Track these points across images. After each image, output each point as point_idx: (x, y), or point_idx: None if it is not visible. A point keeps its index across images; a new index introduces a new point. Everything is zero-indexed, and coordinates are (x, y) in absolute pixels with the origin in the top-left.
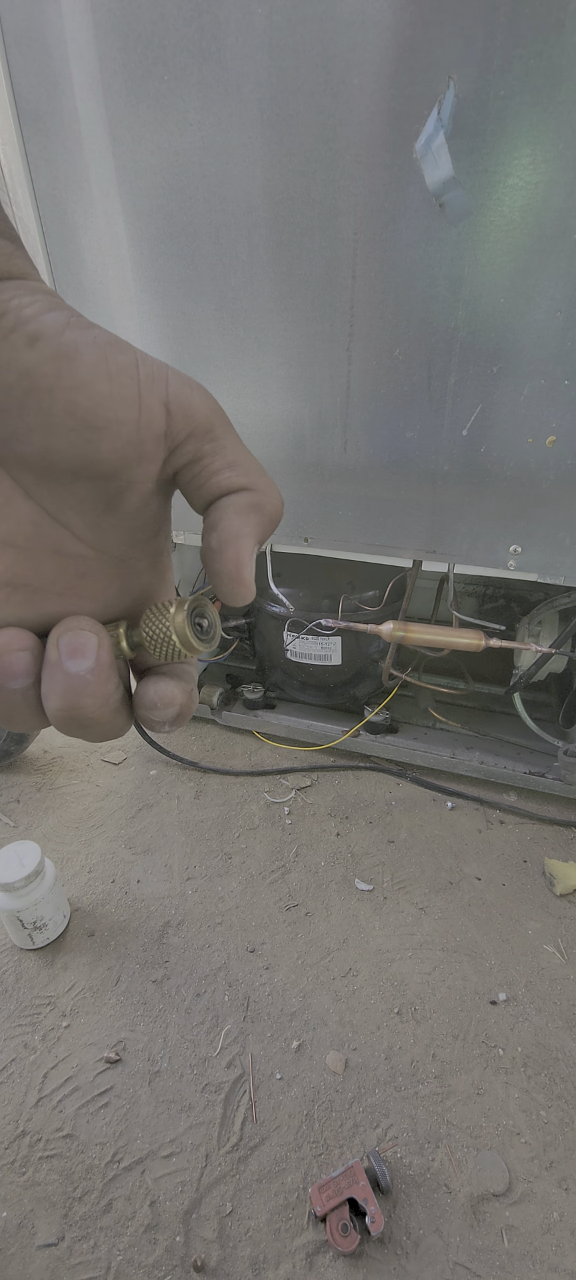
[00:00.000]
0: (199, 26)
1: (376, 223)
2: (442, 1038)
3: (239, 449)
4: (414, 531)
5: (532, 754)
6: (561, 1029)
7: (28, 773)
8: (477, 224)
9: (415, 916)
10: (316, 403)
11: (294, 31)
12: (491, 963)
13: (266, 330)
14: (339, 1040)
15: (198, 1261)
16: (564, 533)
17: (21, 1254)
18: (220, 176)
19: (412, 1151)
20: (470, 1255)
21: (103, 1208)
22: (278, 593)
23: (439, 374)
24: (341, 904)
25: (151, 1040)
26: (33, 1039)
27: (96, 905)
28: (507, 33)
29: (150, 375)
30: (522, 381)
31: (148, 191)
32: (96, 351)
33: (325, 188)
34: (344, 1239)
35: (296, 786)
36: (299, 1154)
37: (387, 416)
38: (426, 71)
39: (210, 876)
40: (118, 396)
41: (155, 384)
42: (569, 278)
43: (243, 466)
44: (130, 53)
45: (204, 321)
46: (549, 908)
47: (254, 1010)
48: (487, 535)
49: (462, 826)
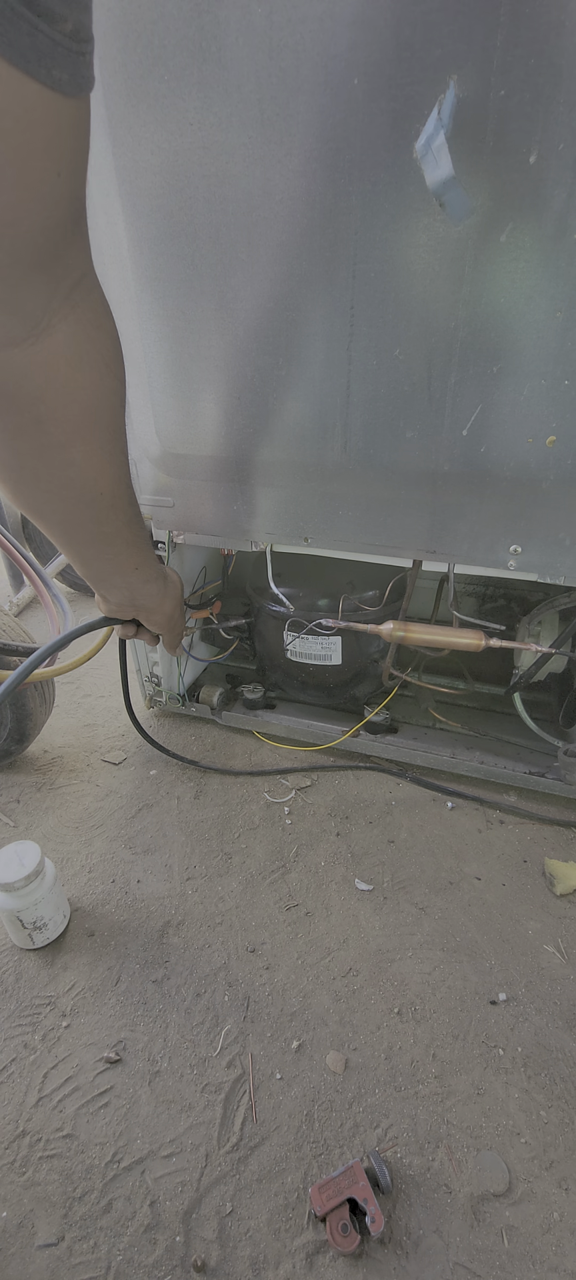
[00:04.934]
0: (199, 26)
1: (376, 223)
2: (442, 1038)
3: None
4: (414, 531)
5: (532, 754)
6: (561, 1029)
7: (28, 773)
8: (477, 224)
9: (415, 916)
10: (316, 403)
11: (294, 31)
12: (491, 963)
13: (266, 330)
14: (339, 1040)
15: (198, 1261)
16: (564, 533)
17: (21, 1254)
18: (220, 176)
19: (412, 1151)
20: (470, 1255)
21: (103, 1208)
22: (278, 593)
23: (439, 374)
24: (341, 904)
25: (151, 1040)
26: (33, 1039)
27: (96, 905)
28: (507, 33)
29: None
30: (522, 381)
31: (148, 191)
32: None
33: (325, 188)
34: (344, 1239)
35: (296, 786)
36: (299, 1154)
37: (387, 416)
38: (426, 71)
39: (210, 876)
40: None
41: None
42: (569, 278)
43: None
44: (130, 53)
45: (204, 321)
46: (549, 908)
47: (254, 1010)
48: (487, 535)
49: (462, 826)
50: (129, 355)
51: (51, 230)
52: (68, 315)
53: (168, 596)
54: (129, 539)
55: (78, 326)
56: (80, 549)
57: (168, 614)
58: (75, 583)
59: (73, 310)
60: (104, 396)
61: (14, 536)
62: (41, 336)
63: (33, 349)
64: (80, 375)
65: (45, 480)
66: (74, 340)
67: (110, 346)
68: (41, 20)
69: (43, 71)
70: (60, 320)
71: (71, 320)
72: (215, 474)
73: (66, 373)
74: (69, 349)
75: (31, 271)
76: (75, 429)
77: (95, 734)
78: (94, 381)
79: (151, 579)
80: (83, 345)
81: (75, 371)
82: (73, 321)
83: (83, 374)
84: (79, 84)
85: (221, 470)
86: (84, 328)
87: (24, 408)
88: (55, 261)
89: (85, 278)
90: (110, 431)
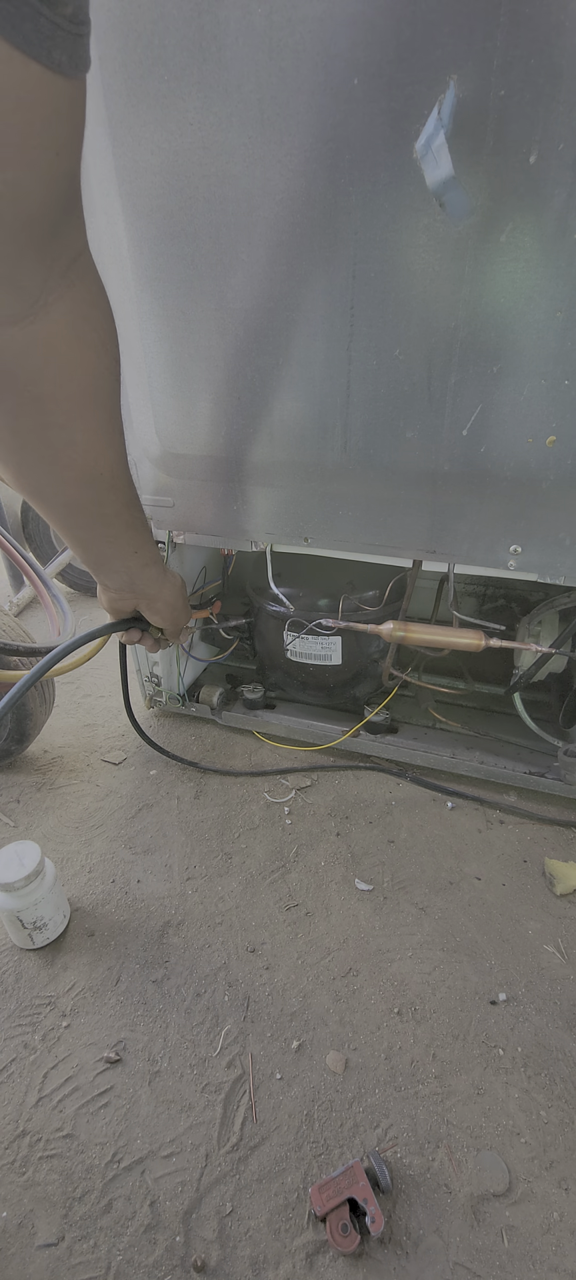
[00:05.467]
0: (199, 26)
1: (376, 223)
2: (442, 1038)
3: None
4: (414, 531)
5: (532, 754)
6: (561, 1029)
7: (28, 773)
8: (477, 224)
9: (415, 916)
10: (316, 403)
11: (294, 31)
12: (491, 963)
13: (266, 330)
14: (339, 1040)
15: (198, 1261)
16: (564, 533)
17: (21, 1254)
18: (220, 176)
19: (412, 1151)
20: (470, 1255)
21: (103, 1208)
22: (278, 593)
23: (439, 374)
24: (341, 904)
25: (151, 1040)
26: (33, 1039)
27: (96, 905)
28: (507, 33)
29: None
30: (522, 381)
31: (148, 191)
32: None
33: (325, 188)
34: (344, 1239)
35: (296, 786)
36: (299, 1154)
37: (387, 416)
38: (426, 71)
39: (210, 876)
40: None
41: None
42: (569, 278)
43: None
44: (130, 52)
45: (204, 321)
46: (549, 908)
47: (254, 1010)
48: (487, 535)
49: (462, 826)
50: (129, 355)
51: (49, 208)
52: (64, 294)
53: (167, 583)
54: (128, 520)
55: (74, 305)
56: (80, 532)
57: (168, 602)
58: (75, 583)
59: (69, 289)
60: (101, 375)
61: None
62: (39, 315)
63: (31, 327)
64: (77, 353)
65: (47, 461)
66: (71, 318)
67: (105, 324)
68: (43, 4)
69: (44, 54)
70: (57, 299)
71: (68, 299)
72: (215, 474)
73: (64, 350)
74: (66, 327)
75: (30, 249)
76: (74, 407)
77: (95, 734)
78: (91, 360)
79: (150, 563)
80: (79, 324)
81: (72, 349)
82: (69, 300)
83: (80, 352)
84: (77, 65)
85: (221, 470)
86: (80, 306)
87: (23, 386)
88: (53, 239)
89: (81, 256)
90: (108, 411)
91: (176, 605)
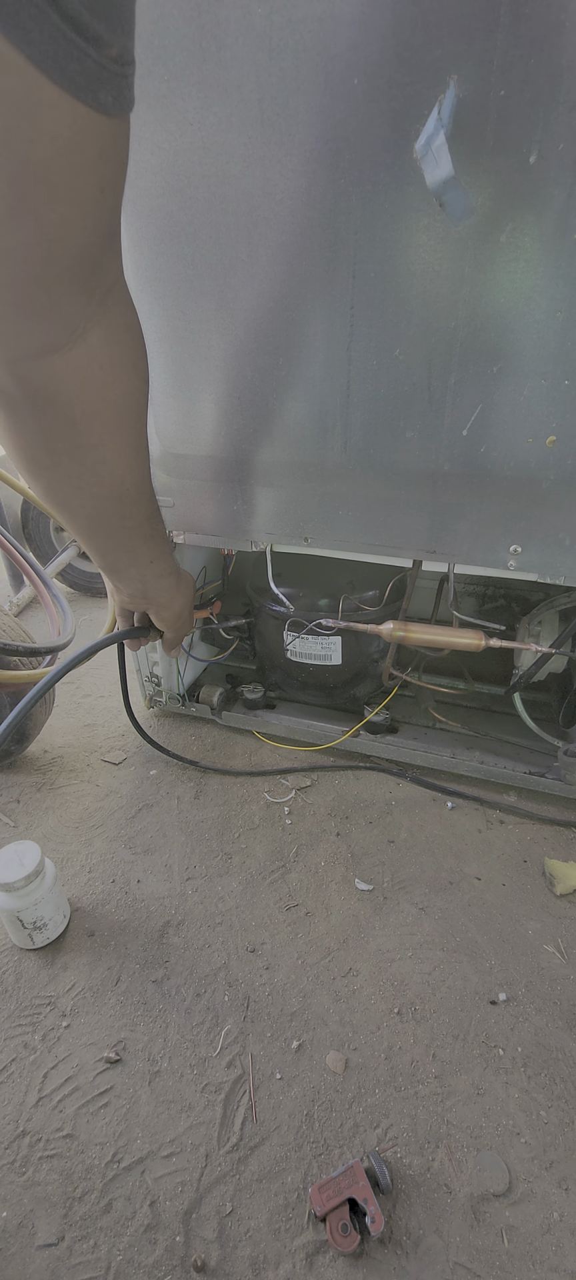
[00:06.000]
0: (199, 26)
1: (376, 223)
2: (442, 1038)
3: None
4: (414, 531)
5: (532, 754)
6: (561, 1029)
7: (28, 773)
8: (477, 224)
9: (415, 916)
10: (316, 403)
11: (294, 31)
12: (491, 963)
13: (266, 330)
14: (339, 1040)
15: (198, 1261)
16: (564, 533)
17: (21, 1254)
18: (220, 176)
19: (412, 1151)
20: (470, 1255)
21: (103, 1208)
22: (278, 593)
23: (439, 374)
24: (341, 904)
25: (151, 1040)
26: (33, 1039)
27: (96, 905)
28: (507, 33)
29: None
30: (522, 381)
31: (148, 191)
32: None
33: (325, 188)
34: (344, 1239)
35: (296, 786)
36: (299, 1154)
37: (387, 416)
38: (426, 71)
39: (210, 876)
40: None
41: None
42: (569, 278)
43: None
44: None
45: (204, 321)
46: (549, 908)
47: (254, 1010)
48: (487, 535)
49: (462, 826)
50: None
51: (93, 244)
52: (101, 320)
53: (179, 594)
54: (148, 533)
55: (109, 331)
56: (101, 541)
57: (176, 612)
58: (75, 582)
59: (105, 315)
60: (132, 396)
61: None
62: (77, 342)
63: (69, 354)
64: (111, 377)
65: (77, 478)
66: (106, 344)
67: (137, 347)
68: (90, 46)
69: (90, 95)
70: (94, 325)
71: (104, 325)
72: (215, 474)
73: (99, 375)
74: (102, 352)
75: (73, 283)
76: (107, 428)
77: (95, 734)
78: (123, 382)
79: (165, 574)
80: (114, 348)
81: (107, 374)
82: (105, 326)
83: (114, 376)
84: (122, 105)
85: (221, 470)
86: (115, 331)
87: (60, 410)
88: (94, 272)
89: (117, 283)
90: (137, 429)
91: (183, 616)
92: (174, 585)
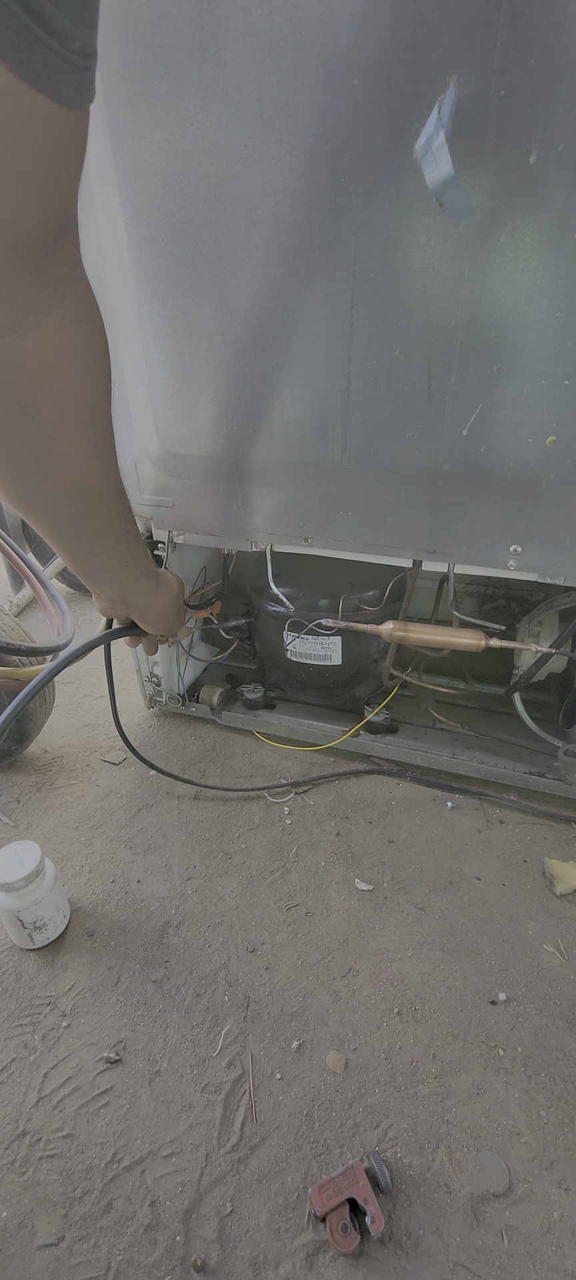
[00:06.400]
0: (199, 26)
1: (376, 223)
2: (442, 1038)
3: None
4: (414, 531)
5: (532, 754)
6: (561, 1029)
7: (28, 773)
8: (477, 224)
9: (415, 916)
10: (316, 403)
11: (294, 31)
12: (491, 963)
13: (266, 330)
14: (339, 1040)
15: (198, 1261)
16: (564, 533)
17: (21, 1254)
18: (220, 176)
19: (412, 1151)
20: (470, 1255)
21: (103, 1208)
22: (278, 593)
23: (439, 374)
24: (341, 904)
25: (151, 1040)
26: (33, 1039)
27: (96, 905)
28: (507, 33)
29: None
30: (522, 381)
31: (148, 191)
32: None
33: (325, 188)
34: (344, 1239)
35: (296, 786)
36: (299, 1154)
37: (387, 416)
38: (426, 71)
39: (210, 876)
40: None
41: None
42: (569, 278)
43: None
44: (130, 52)
45: (204, 321)
46: (549, 908)
47: (254, 1010)
48: (487, 535)
49: (462, 826)
50: (129, 355)
51: (46, 229)
52: (55, 308)
53: (159, 595)
54: (118, 534)
55: (65, 319)
56: (69, 543)
57: (160, 613)
58: (75, 583)
59: (61, 303)
60: (90, 388)
61: (14, 538)
62: (30, 327)
63: (21, 339)
64: (67, 367)
65: (34, 472)
66: (61, 332)
67: (96, 339)
68: (53, 39)
69: (51, 86)
70: (48, 313)
71: (59, 312)
72: (215, 474)
73: (54, 363)
74: (56, 340)
75: (25, 266)
76: (63, 419)
77: (95, 734)
78: (80, 373)
79: (141, 576)
80: (69, 337)
81: (63, 363)
82: (60, 314)
83: (69, 365)
84: (82, 96)
85: (221, 470)
86: (71, 319)
87: (12, 397)
88: (47, 256)
89: (74, 272)
90: (97, 424)
91: (169, 615)
92: (152, 587)
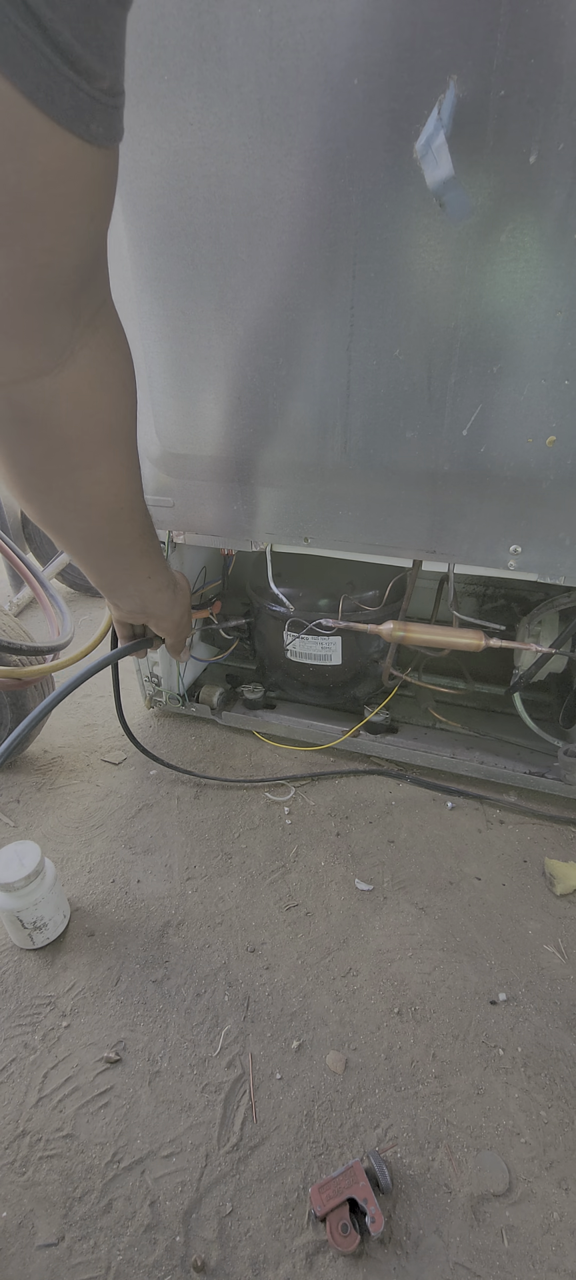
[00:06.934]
0: (199, 26)
1: (376, 223)
2: (442, 1038)
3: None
4: (414, 531)
5: (532, 754)
6: (561, 1029)
7: (28, 773)
8: (477, 224)
9: (415, 916)
10: (316, 403)
11: (294, 31)
12: (491, 963)
13: (266, 330)
14: (339, 1040)
15: (198, 1261)
16: (564, 533)
17: (21, 1254)
18: (220, 176)
19: (412, 1151)
20: (470, 1255)
21: (103, 1208)
22: (278, 593)
23: (439, 374)
24: (341, 904)
25: (151, 1040)
26: (33, 1039)
27: (96, 905)
28: (507, 33)
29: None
30: (522, 381)
31: (148, 191)
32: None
33: (325, 188)
34: (344, 1239)
35: (296, 786)
36: (299, 1154)
37: (387, 416)
38: (426, 71)
39: (210, 876)
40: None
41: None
42: (569, 278)
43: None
44: (130, 53)
45: (204, 321)
46: (549, 908)
47: (254, 1010)
48: (487, 535)
49: (462, 826)
50: None
51: (82, 269)
52: (89, 341)
53: (177, 604)
54: (143, 549)
55: (98, 351)
56: (97, 560)
57: (176, 621)
58: (75, 583)
59: (94, 335)
60: (122, 414)
61: (13, 538)
62: (66, 364)
63: (59, 376)
64: (101, 397)
65: (71, 499)
66: (95, 364)
67: (126, 366)
68: (82, 79)
69: (82, 127)
70: (82, 346)
71: (92, 345)
72: (215, 474)
73: (90, 395)
74: (92, 372)
75: (62, 306)
76: (99, 448)
77: (95, 734)
78: (114, 401)
79: (163, 587)
80: (103, 367)
81: (97, 394)
82: (93, 346)
83: (104, 395)
84: (112, 135)
85: (221, 470)
86: (104, 350)
87: (52, 432)
88: (82, 294)
89: (104, 304)
90: (129, 447)
91: (183, 623)
92: (171, 597)
